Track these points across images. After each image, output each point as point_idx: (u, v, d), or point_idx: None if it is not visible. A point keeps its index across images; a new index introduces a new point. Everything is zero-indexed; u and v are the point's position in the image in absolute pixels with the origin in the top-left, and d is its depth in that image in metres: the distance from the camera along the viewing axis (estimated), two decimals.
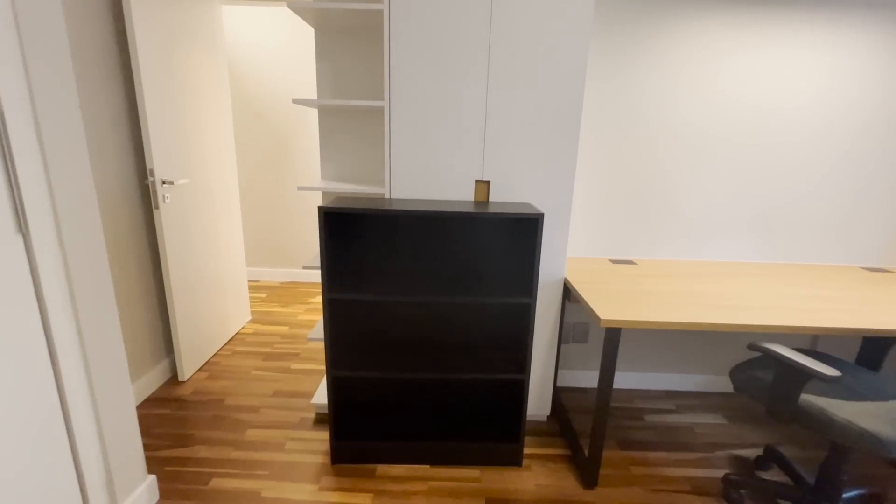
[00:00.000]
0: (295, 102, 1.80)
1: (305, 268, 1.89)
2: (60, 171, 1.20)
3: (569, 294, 1.93)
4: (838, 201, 2.21)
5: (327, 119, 2.12)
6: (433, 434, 1.88)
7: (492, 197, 1.84)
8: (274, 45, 3.49)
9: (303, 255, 3.94)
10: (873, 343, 1.97)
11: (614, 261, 2.22)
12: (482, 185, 1.83)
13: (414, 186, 1.83)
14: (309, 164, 3.73)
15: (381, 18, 1.78)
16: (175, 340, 2.31)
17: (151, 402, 2.19)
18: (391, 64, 1.71)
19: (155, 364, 2.32)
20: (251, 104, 3.61)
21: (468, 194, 1.84)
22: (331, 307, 1.68)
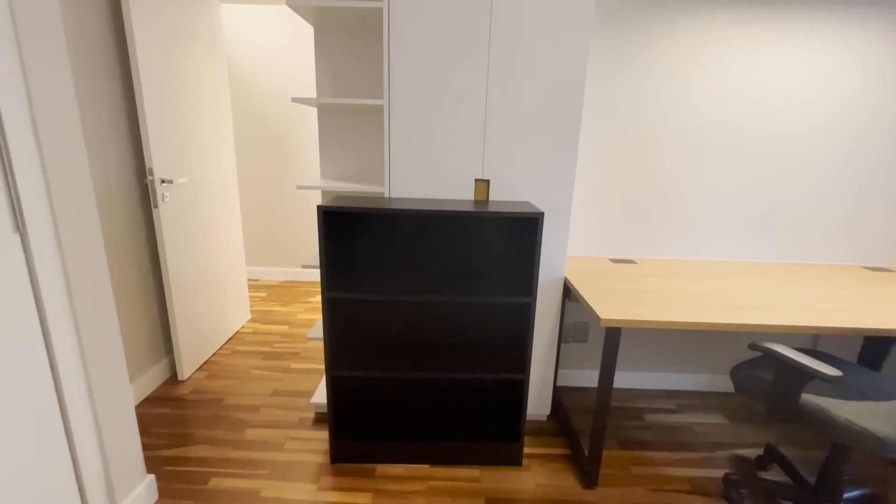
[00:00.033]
0: (294, 101, 1.79)
1: (305, 267, 1.89)
2: (58, 170, 1.20)
3: (569, 293, 1.92)
4: (839, 200, 2.20)
5: (327, 118, 2.11)
6: (433, 434, 1.88)
7: (492, 196, 1.83)
8: (273, 44, 3.48)
9: (303, 254, 3.93)
10: (874, 343, 1.96)
11: (614, 260, 2.22)
12: (482, 184, 1.82)
13: (413, 185, 1.82)
14: (308, 163, 3.73)
15: (381, 16, 1.78)
16: (174, 339, 2.31)
17: (150, 402, 2.19)
18: (391, 62, 1.70)
19: (154, 363, 2.31)
20: (251, 103, 3.60)
21: (468, 193, 1.83)
22: (330, 306, 1.68)
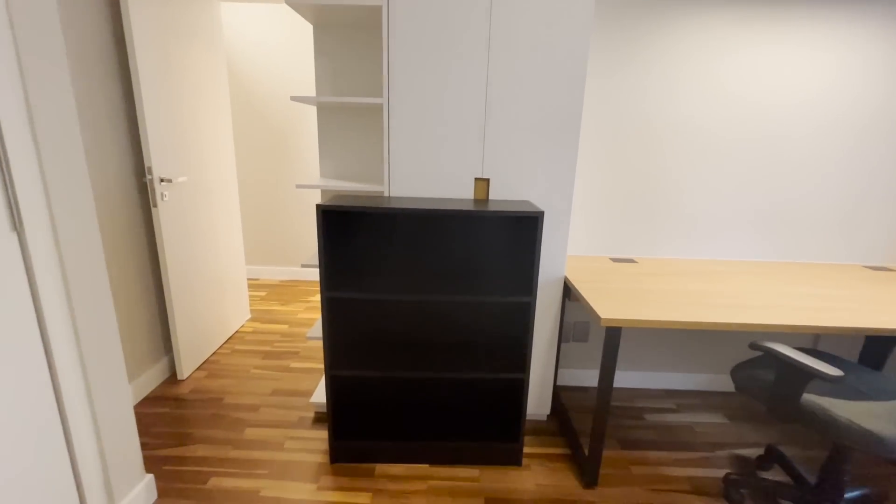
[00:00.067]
0: (293, 99, 1.78)
1: (304, 266, 1.89)
2: (56, 169, 1.19)
3: (569, 293, 1.91)
4: (840, 199, 2.19)
5: (326, 117, 2.11)
6: (432, 433, 1.87)
7: (491, 195, 1.83)
8: (273, 43, 3.47)
9: (302, 254, 3.93)
10: (876, 342, 1.96)
11: (615, 259, 2.21)
12: (482, 183, 1.82)
13: (413, 184, 1.82)
14: (308, 162, 3.72)
15: (380, 14, 1.77)
16: (174, 339, 2.30)
17: (150, 401, 2.19)
18: (390, 60, 1.69)
19: (153, 363, 2.31)
20: (250, 102, 3.60)
21: (468, 192, 1.83)
22: (329, 306, 1.67)
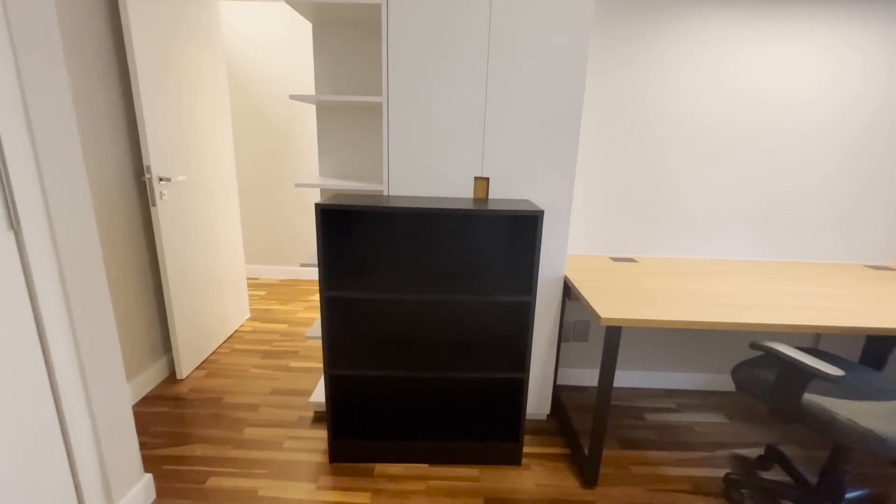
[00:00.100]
0: (292, 98, 1.78)
1: (303, 265, 1.88)
2: (53, 167, 1.18)
3: (569, 292, 1.91)
4: (841, 198, 2.18)
5: (325, 115, 2.10)
6: (432, 433, 1.87)
7: (491, 194, 1.82)
8: (272, 41, 3.46)
9: (302, 253, 3.92)
10: (877, 342, 1.95)
11: (615, 258, 2.21)
12: (481, 182, 1.81)
13: (412, 183, 1.81)
14: (308, 161, 3.72)
15: (379, 12, 1.76)
16: (173, 338, 2.30)
17: (149, 400, 2.18)
18: (389, 59, 1.69)
19: (153, 362, 2.31)
20: (250, 101, 3.59)
21: (467, 191, 1.82)
22: (328, 305, 1.67)
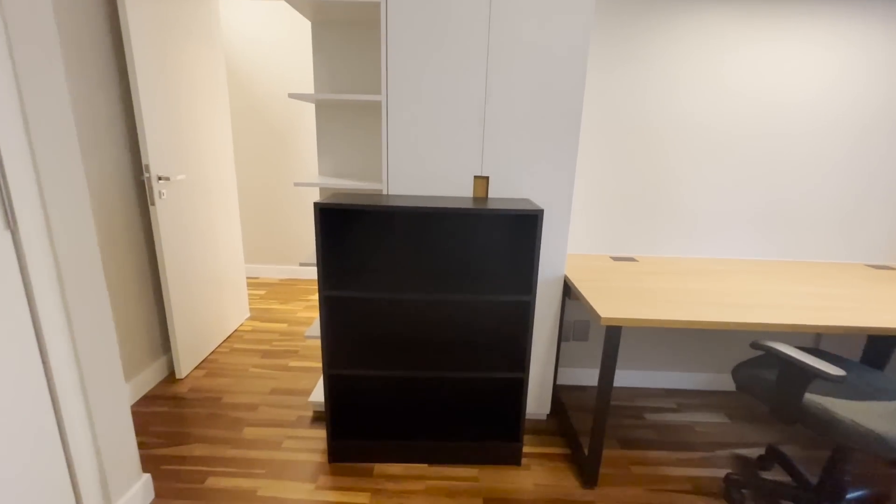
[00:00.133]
0: (291, 97, 1.77)
1: (302, 265, 1.88)
2: (50, 167, 1.18)
3: (569, 291, 1.90)
4: (842, 197, 2.17)
5: (325, 114, 2.09)
6: (431, 433, 1.86)
7: (491, 193, 1.81)
8: (272, 40, 3.45)
9: (302, 252, 3.92)
10: (878, 342, 1.95)
11: (615, 258, 2.20)
12: (481, 181, 1.80)
13: (412, 183, 1.80)
14: (307, 160, 3.71)
15: (379, 11, 1.75)
16: (172, 338, 2.29)
17: (148, 400, 2.18)
18: (388, 57, 1.68)
19: (152, 361, 2.30)
20: (249, 99, 3.58)
21: (467, 190, 1.81)
22: (327, 305, 1.66)
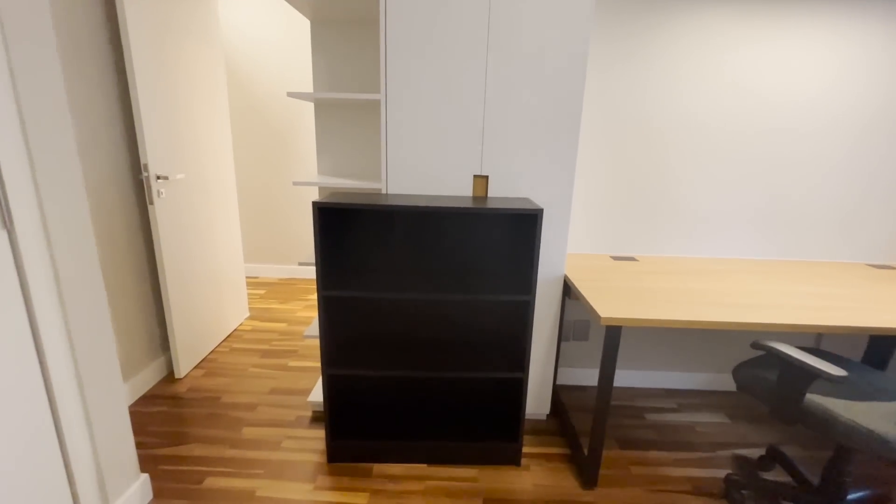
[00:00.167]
0: (290, 95, 1.76)
1: (301, 264, 1.87)
2: (47, 166, 1.17)
3: (569, 291, 1.89)
4: (843, 196, 2.16)
5: (324, 113, 2.09)
6: (430, 433, 1.86)
7: (490, 192, 1.81)
8: (271, 39, 3.45)
9: (302, 251, 3.91)
10: (880, 342, 1.94)
11: (615, 257, 2.19)
12: (480, 181, 1.80)
13: (411, 182, 1.80)
14: (307, 159, 3.70)
15: (377, 9, 1.75)
16: (171, 337, 2.29)
17: (147, 400, 2.17)
18: (387, 56, 1.67)
19: (151, 361, 2.30)
20: (248, 98, 3.57)
21: (466, 189, 1.80)
22: (326, 304, 1.66)
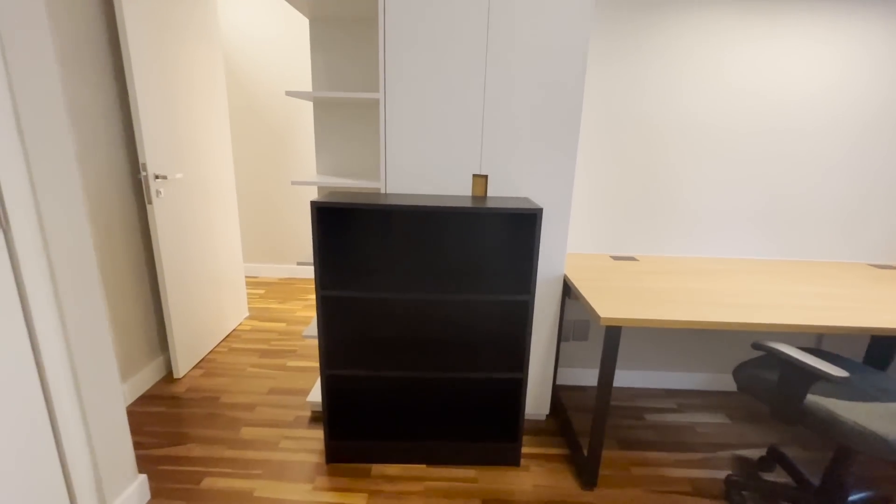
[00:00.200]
0: (288, 94, 1.76)
1: (300, 264, 1.86)
2: (43, 165, 1.16)
3: (569, 291, 1.89)
4: (845, 196, 2.15)
5: (322, 112, 2.08)
6: (429, 433, 1.85)
7: (490, 191, 1.80)
8: (270, 37, 3.44)
9: (301, 251, 3.91)
10: (881, 342, 1.93)
11: (615, 257, 2.18)
12: (480, 180, 1.79)
13: (410, 181, 1.79)
14: (307, 158, 3.70)
15: (376, 7, 1.74)
16: (170, 337, 2.28)
17: (145, 400, 2.17)
18: (386, 54, 1.66)
19: (149, 361, 2.29)
20: (247, 97, 3.57)
21: (466, 189, 1.80)
22: (324, 304, 1.65)
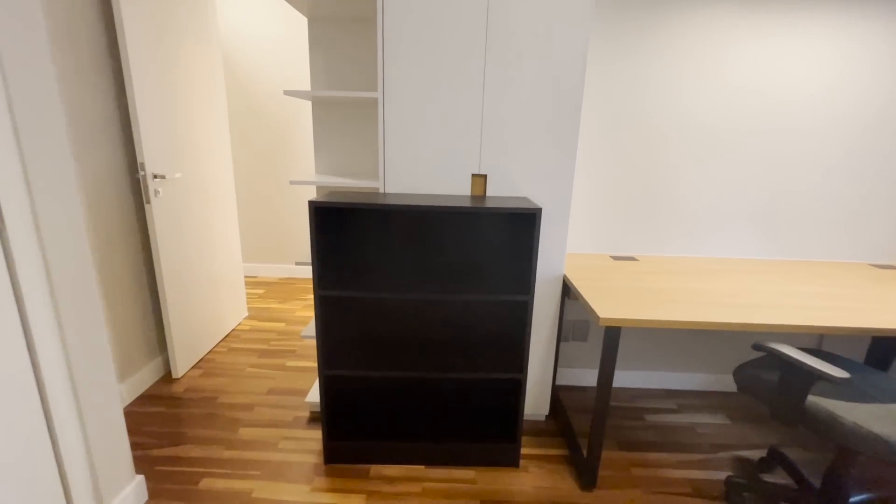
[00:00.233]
0: (286, 94, 1.75)
1: (298, 264, 1.86)
2: (39, 164, 1.16)
3: (568, 291, 1.88)
4: (846, 195, 2.14)
5: (321, 112, 2.07)
6: (428, 434, 1.84)
7: (489, 191, 1.79)
8: (269, 37, 3.43)
9: (301, 250, 3.90)
10: (882, 343, 1.92)
11: (615, 257, 2.17)
12: (479, 180, 1.78)
13: (409, 181, 1.78)
14: (306, 158, 3.69)
15: (375, 6, 1.73)
16: (168, 337, 2.28)
17: (144, 400, 2.16)
18: (385, 54, 1.66)
19: (148, 361, 2.29)
20: (246, 97, 3.56)
21: (465, 189, 1.79)
22: (322, 305, 1.64)
